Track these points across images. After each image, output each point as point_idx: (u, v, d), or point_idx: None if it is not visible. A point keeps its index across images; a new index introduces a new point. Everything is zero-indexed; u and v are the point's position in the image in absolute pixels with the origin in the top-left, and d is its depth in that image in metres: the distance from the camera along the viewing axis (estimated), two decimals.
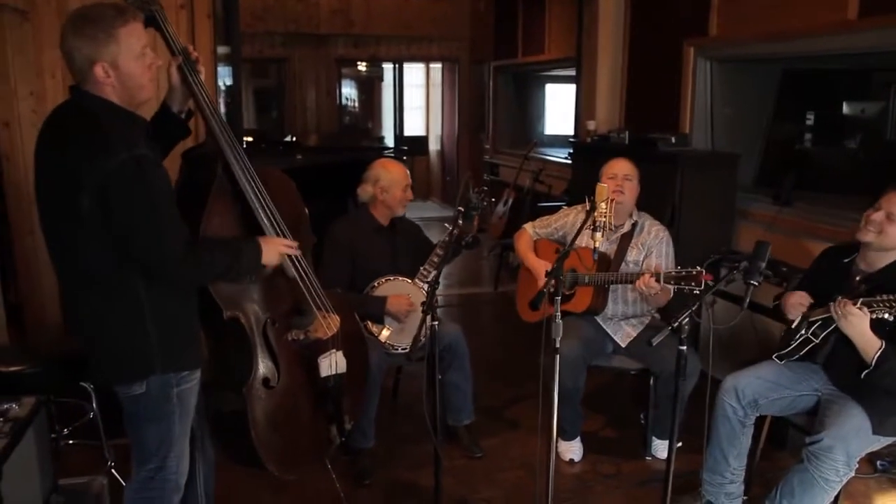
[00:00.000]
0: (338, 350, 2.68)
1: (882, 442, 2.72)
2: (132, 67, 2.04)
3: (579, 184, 5.67)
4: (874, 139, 5.19)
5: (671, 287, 2.87)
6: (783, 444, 3.63)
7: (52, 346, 3.84)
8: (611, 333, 3.56)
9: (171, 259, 2.05)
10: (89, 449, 3.18)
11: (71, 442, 3.16)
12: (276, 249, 2.37)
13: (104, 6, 2.02)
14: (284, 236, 2.43)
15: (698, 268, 2.38)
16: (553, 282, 2.32)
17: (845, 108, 5.38)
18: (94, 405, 3.03)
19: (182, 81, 2.27)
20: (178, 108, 2.33)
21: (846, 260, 2.91)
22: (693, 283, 2.61)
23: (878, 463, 3.43)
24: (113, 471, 3.01)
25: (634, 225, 3.54)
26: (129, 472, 2.30)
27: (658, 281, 2.95)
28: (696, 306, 2.38)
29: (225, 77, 5.18)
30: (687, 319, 2.33)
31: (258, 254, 2.28)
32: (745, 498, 3.11)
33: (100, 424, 3.06)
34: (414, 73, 12.13)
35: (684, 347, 2.34)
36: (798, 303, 2.92)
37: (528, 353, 4.97)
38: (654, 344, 2.31)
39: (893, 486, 3.38)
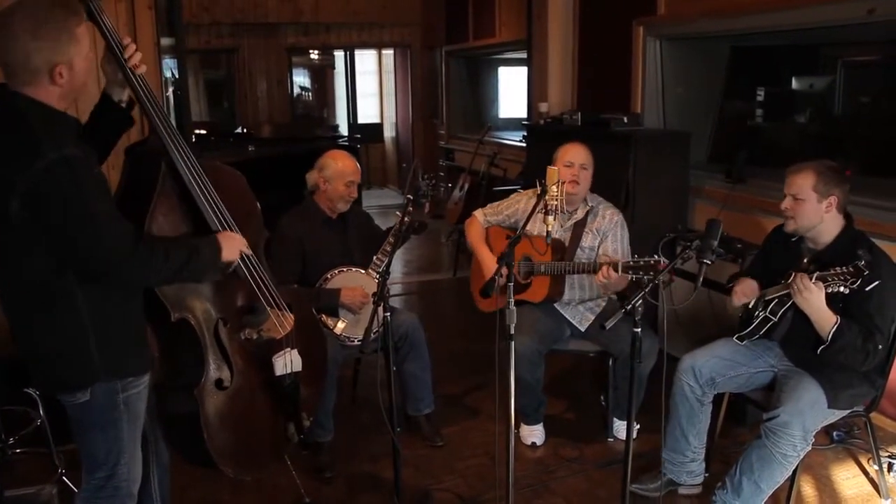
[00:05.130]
0: (292, 348, 2.62)
1: (836, 415, 2.76)
2: (82, 67, 1.97)
3: (534, 166, 5.65)
4: (823, 114, 5.25)
5: (629, 275, 2.85)
6: (742, 420, 3.66)
7: None
8: (569, 318, 3.55)
9: (115, 258, 1.95)
10: (38, 457, 3.09)
11: (18, 451, 3.06)
12: (236, 245, 2.29)
13: (48, 3, 1.90)
14: None
15: (655, 257, 2.37)
16: (504, 269, 2.30)
17: (794, 84, 5.44)
18: (41, 412, 2.95)
19: (122, 75, 2.17)
20: (118, 97, 2.24)
21: (794, 238, 2.92)
22: (651, 273, 2.60)
23: (835, 434, 3.49)
24: (64, 478, 2.92)
25: (588, 212, 3.51)
26: (80, 478, 2.23)
27: (616, 270, 2.93)
28: (648, 288, 2.37)
29: (172, 69, 5.06)
30: (640, 301, 2.32)
31: (217, 250, 2.21)
32: (706, 475, 3.13)
33: (48, 431, 2.97)
34: (366, 59, 12.01)
35: (638, 329, 2.33)
36: (744, 293, 2.93)
37: (487, 340, 4.97)
38: (609, 327, 2.29)
39: (849, 456, 3.43)
